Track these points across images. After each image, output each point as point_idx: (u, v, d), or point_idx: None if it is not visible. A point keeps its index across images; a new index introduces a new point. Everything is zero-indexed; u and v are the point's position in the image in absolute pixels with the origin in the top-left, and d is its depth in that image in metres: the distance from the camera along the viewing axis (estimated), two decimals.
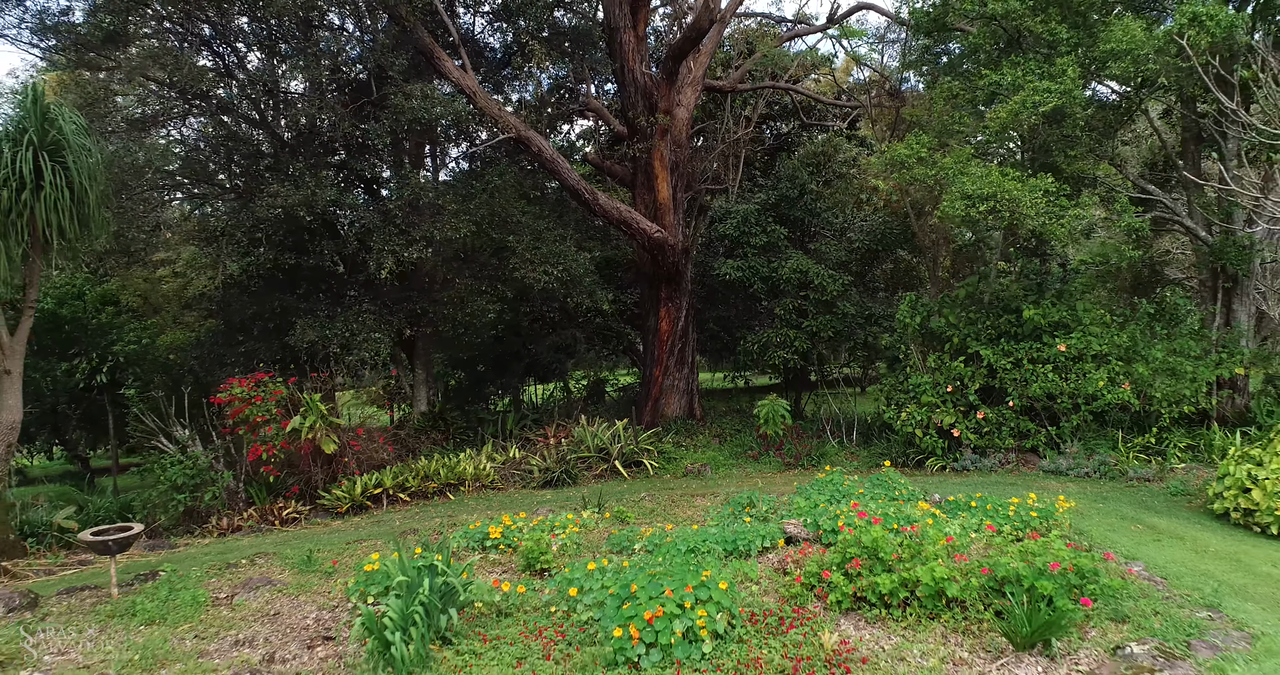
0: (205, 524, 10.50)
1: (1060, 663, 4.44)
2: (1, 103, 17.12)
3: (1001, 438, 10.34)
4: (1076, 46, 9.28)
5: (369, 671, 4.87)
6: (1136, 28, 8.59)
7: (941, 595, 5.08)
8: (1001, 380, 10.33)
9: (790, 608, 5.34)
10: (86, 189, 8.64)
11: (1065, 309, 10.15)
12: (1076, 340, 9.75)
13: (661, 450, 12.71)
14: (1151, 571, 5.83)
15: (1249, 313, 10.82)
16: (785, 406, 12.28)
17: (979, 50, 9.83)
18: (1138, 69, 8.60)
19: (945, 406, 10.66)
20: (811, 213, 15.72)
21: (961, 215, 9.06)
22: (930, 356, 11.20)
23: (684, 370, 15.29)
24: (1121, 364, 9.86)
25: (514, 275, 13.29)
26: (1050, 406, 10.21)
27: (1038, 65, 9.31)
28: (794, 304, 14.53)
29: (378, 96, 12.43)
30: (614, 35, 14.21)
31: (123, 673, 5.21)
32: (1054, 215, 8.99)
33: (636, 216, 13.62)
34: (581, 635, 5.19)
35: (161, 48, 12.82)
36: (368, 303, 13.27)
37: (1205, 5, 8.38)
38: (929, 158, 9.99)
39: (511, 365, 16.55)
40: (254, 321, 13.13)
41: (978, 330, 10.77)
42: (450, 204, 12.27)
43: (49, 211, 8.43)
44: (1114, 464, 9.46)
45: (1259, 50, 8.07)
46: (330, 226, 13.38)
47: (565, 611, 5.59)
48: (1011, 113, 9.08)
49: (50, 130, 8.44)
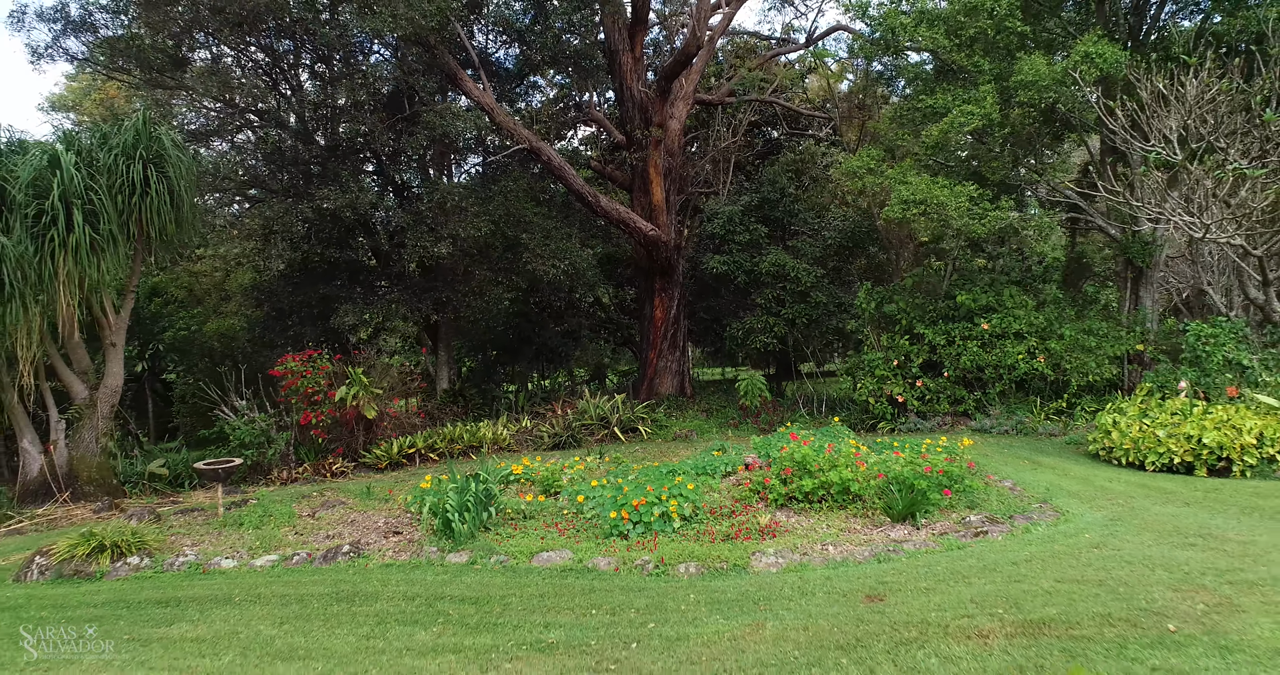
0: (268, 476, 12.43)
1: (922, 529, 6.36)
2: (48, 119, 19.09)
3: (940, 403, 12.26)
4: (996, 77, 11.19)
5: (435, 543, 6.81)
6: (1041, 63, 10.49)
7: (847, 491, 7.01)
8: (940, 355, 12.26)
9: (740, 505, 7.28)
10: (183, 194, 10.60)
11: (992, 295, 12.07)
12: (998, 321, 11.68)
13: (655, 419, 14.63)
14: (1017, 484, 7.74)
15: (1153, 299, 12.73)
16: (762, 381, 14.20)
17: (918, 78, 11.73)
18: (1041, 96, 10.50)
19: (894, 378, 12.58)
20: (790, 214, 17.63)
21: (900, 217, 10.97)
22: (883, 337, 13.12)
23: (676, 353, 17.22)
24: (1038, 341, 11.77)
25: (526, 268, 15.24)
26: (979, 376, 12.13)
27: (964, 91, 11.23)
28: (773, 294, 16.43)
29: (410, 113, 14.38)
30: (614, 57, 16.14)
31: (250, 550, 7.17)
32: (976, 217, 10.90)
33: (634, 217, 15.55)
34: (587, 525, 7.12)
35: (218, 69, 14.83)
36: (397, 292, 15.21)
37: (1095, 45, 10.28)
38: (878, 168, 11.91)
39: (523, 349, 18.49)
40: (301, 308, 15.09)
41: (922, 314, 12.69)
42: (472, 206, 14.21)
43: (153, 213, 10.40)
44: (1028, 423, 11.37)
45: (1136, 82, 9.97)
46: (365, 225, 15.33)
47: (574, 512, 7.52)
48: (942, 131, 11.00)
49: (154, 145, 10.39)
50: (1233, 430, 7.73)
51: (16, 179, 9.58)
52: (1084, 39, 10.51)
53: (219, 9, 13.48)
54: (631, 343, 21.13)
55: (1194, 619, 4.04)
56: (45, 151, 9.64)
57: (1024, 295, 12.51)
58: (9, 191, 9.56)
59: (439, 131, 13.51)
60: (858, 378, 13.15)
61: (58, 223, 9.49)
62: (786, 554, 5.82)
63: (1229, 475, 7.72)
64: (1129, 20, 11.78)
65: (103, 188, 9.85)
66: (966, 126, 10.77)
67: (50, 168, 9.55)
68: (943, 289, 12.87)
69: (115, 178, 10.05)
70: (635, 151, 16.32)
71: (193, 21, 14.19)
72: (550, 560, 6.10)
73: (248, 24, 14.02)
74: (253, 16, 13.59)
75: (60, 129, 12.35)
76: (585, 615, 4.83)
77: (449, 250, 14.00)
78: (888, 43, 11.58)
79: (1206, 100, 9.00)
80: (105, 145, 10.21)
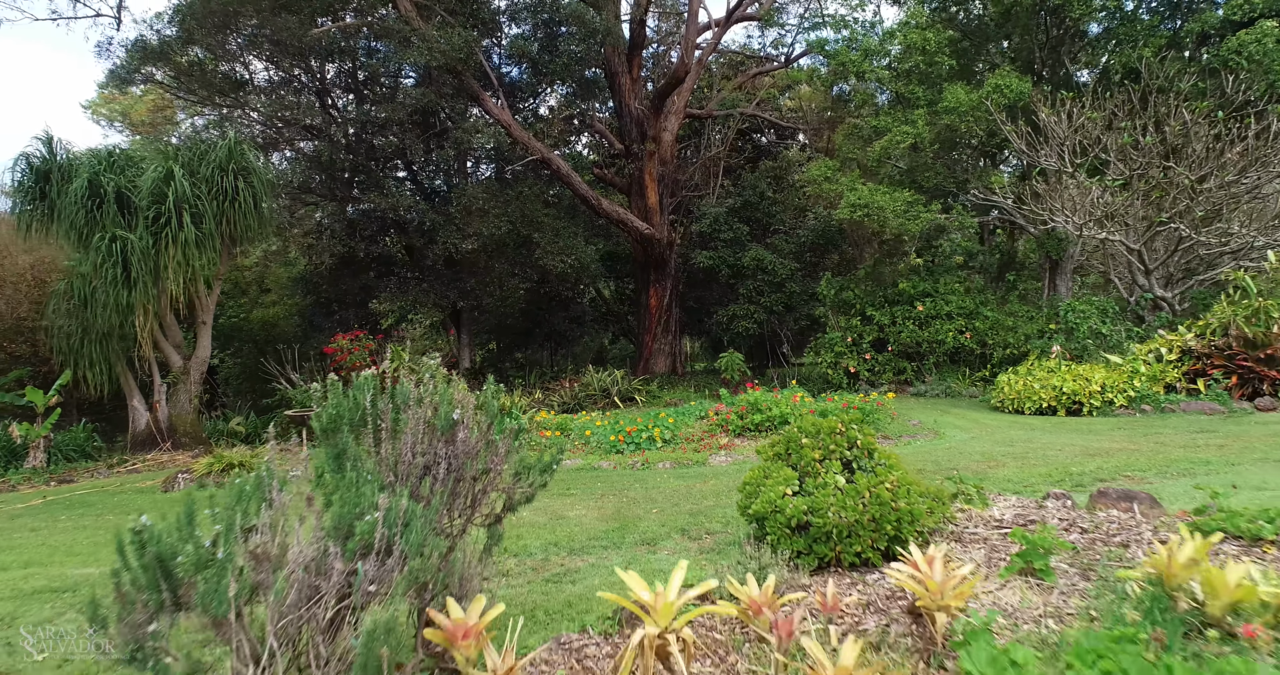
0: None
1: None
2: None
3: (886, 373, 14.69)
4: (929, 103, 13.60)
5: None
6: (961, 92, 12.91)
7: (786, 422, 9.44)
8: (886, 333, 14.68)
9: (707, 434, 9.72)
10: (263, 200, 13.04)
11: (929, 283, 14.49)
12: (930, 304, 14.10)
13: (649, 391, 17.07)
14: (921, 422, 10.17)
15: (1067, 285, 15.15)
16: (741, 358, 16.63)
17: (865, 103, 14.14)
18: (960, 118, 12.91)
19: (850, 353, 15.01)
20: (769, 215, 20.06)
21: (849, 217, 13.40)
22: (841, 319, 15.55)
23: (669, 337, 19.66)
24: (965, 320, 14.20)
25: (538, 262, 17.68)
26: (918, 350, 14.56)
27: (902, 113, 13.64)
28: (754, 285, 18.86)
29: (439, 129, 16.82)
30: (614, 79, 18.57)
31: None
32: (910, 218, 13.31)
33: (631, 217, 17.98)
34: (592, 448, 9.56)
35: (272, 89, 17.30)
36: (426, 283, 17.67)
37: (1004, 78, 12.69)
38: (833, 177, 14.33)
39: (534, 333, 20.95)
40: (344, 296, 17.55)
41: (873, 299, 15.12)
42: (493, 208, 16.65)
43: (239, 215, 12.84)
44: (956, 388, 13.79)
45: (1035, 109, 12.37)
46: (399, 224, 17.78)
47: (583, 442, 9.96)
48: (883, 147, 13.42)
49: (241, 159, 12.84)
50: (1084, 381, 10.15)
51: (138, 189, 12.03)
52: (996, 73, 12.93)
53: (277, 41, 15.95)
54: (629, 332, 23.58)
55: (978, 469, 6.47)
56: (160, 166, 12.07)
57: (954, 283, 14.92)
58: (132, 199, 12.01)
59: (465, 145, 15.96)
60: (820, 354, 15.58)
61: (170, 223, 11.93)
62: (734, 456, 8.27)
63: (1081, 414, 10.14)
64: (1041, 56, 14.19)
65: (203, 195, 12.30)
66: (903, 143, 13.19)
67: (165, 179, 11.99)
68: (890, 278, 15.30)
69: (212, 186, 12.49)
70: (632, 161, 18.74)
71: (250, 46, 16.68)
72: (567, 464, 8.55)
73: (300, 53, 16.48)
74: (306, 48, 16.05)
75: (158, 144, 14.76)
76: (593, 485, 7.28)
77: (473, 246, 16.44)
78: (839, 74, 13.99)
79: (1079, 125, 11.42)
80: (204, 160, 12.65)
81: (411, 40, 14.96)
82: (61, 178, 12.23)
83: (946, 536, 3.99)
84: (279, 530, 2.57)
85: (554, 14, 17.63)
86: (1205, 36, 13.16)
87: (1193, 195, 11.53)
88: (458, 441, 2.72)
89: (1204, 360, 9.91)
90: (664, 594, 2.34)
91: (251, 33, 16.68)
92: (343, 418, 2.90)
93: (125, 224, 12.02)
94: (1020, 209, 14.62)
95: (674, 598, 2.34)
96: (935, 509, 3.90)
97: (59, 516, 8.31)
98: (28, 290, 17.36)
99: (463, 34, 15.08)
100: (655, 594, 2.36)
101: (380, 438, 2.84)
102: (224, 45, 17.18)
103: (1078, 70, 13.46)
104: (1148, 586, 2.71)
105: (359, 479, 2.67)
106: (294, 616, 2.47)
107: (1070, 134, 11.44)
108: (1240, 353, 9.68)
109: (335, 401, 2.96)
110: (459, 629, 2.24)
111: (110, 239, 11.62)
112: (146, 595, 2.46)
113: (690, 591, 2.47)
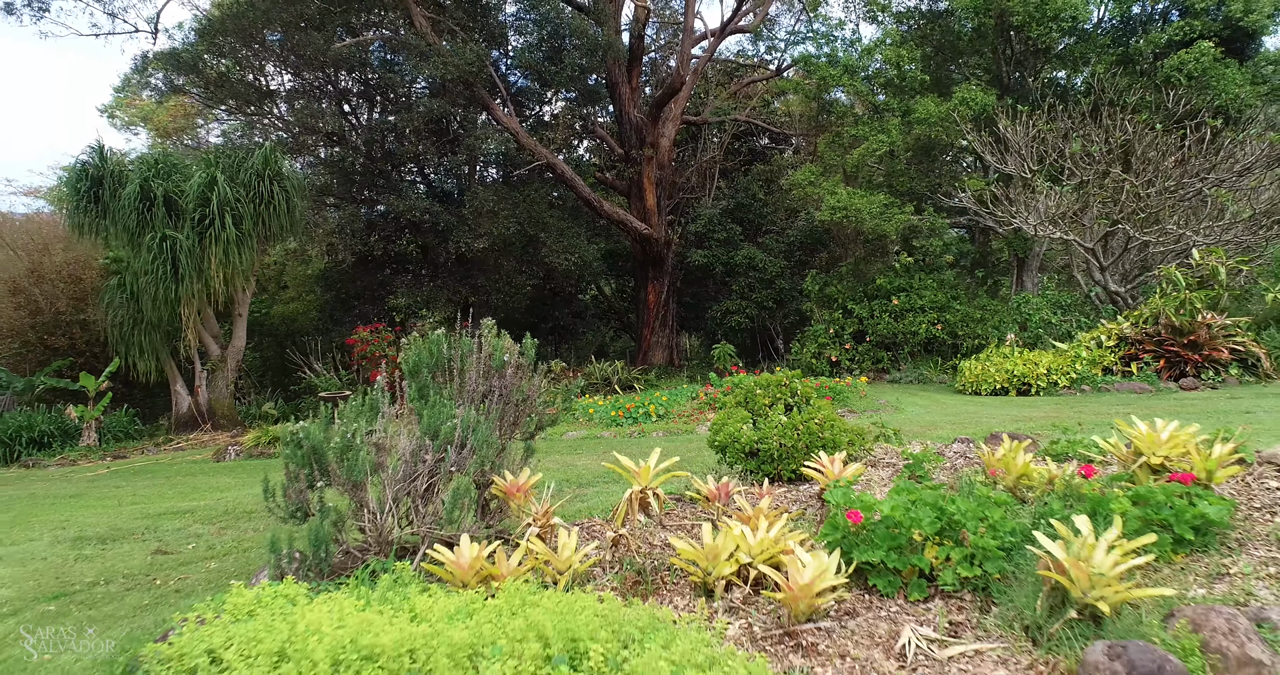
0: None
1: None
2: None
3: (864, 362, 15.94)
4: (903, 113, 14.86)
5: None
6: (931, 104, 14.16)
7: None
8: (865, 325, 15.94)
9: (697, 411, 10.98)
10: (295, 203, 14.32)
11: (904, 279, 15.74)
12: (905, 298, 15.36)
13: (648, 380, 18.33)
14: (887, 401, 11.43)
15: (1033, 281, 16.41)
16: (732, 348, 17.88)
17: (844, 115, 15.41)
18: (930, 128, 14.17)
19: (832, 344, 16.27)
20: (760, 216, 21.32)
21: (829, 219, 14.65)
22: (825, 312, 16.81)
23: (666, 331, 20.92)
24: (937, 313, 15.45)
25: (543, 260, 18.94)
26: (894, 341, 15.81)
27: (879, 123, 14.90)
28: (745, 282, 20.11)
29: (451, 136, 18.09)
30: (614, 89, 19.84)
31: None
32: (886, 219, 14.57)
33: (630, 218, 19.24)
34: (595, 423, 10.83)
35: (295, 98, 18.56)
36: (439, 280, 18.94)
37: (970, 92, 13.94)
38: (815, 182, 15.60)
39: (540, 327, 22.22)
40: (363, 291, 18.83)
41: (853, 294, 16.38)
42: (502, 210, 17.91)
43: (273, 217, 14.11)
44: (928, 375, 15.04)
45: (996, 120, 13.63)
46: (415, 225, 19.04)
47: (586, 418, 11.23)
48: (860, 154, 14.68)
49: (276, 166, 14.11)
50: (1033, 365, 11.41)
51: (184, 194, 13.31)
52: (962, 87, 14.19)
53: (301, 54, 17.23)
54: (630, 328, 24.85)
55: (919, 432, 7.73)
56: (205, 173, 13.34)
57: (928, 279, 16.18)
58: (180, 202, 13.30)
59: (476, 151, 17.22)
60: (805, 345, 16.84)
61: (214, 224, 13.20)
62: None
63: (1029, 394, 11.39)
64: (1007, 70, 15.44)
65: (243, 198, 13.57)
66: (878, 151, 14.45)
67: (209, 184, 13.26)
68: (870, 275, 16.56)
69: (250, 190, 13.77)
70: (632, 165, 20.01)
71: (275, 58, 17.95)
72: (571, 436, 9.82)
73: (322, 66, 17.76)
74: (328, 61, 17.33)
75: (205, 153, 16.02)
76: (595, 447, 8.55)
77: (484, 245, 17.72)
78: (822, 87, 15.26)
79: (1033, 136, 12.68)
80: (242, 166, 13.92)
81: (427, 55, 16.22)
82: (113, 183, 13.51)
83: (864, 462, 5.26)
84: (388, 432, 3.84)
85: (558, 27, 18.91)
86: (1159, 55, 14.41)
87: (1138, 199, 12.78)
88: (507, 376, 3.99)
89: (1137, 346, 11.16)
90: (645, 466, 3.61)
91: (278, 47, 17.98)
92: (423, 362, 4.17)
93: (173, 225, 13.30)
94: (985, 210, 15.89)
95: (651, 466, 3.61)
96: (855, 441, 5.17)
97: (133, 480, 9.59)
98: (64, 287, 18.68)
99: (474, 49, 16.35)
100: (640, 467, 3.63)
101: (451, 375, 4.10)
102: (250, 58, 18.48)
103: (1037, 86, 14.70)
104: (979, 478, 3.97)
105: (439, 401, 3.95)
106: (400, 487, 3.75)
107: (1029, 143, 12.70)
108: (1169, 339, 10.93)
109: (416, 351, 4.23)
110: (512, 487, 3.51)
111: (161, 238, 12.90)
112: (305, 472, 3.74)
113: (661, 464, 3.74)
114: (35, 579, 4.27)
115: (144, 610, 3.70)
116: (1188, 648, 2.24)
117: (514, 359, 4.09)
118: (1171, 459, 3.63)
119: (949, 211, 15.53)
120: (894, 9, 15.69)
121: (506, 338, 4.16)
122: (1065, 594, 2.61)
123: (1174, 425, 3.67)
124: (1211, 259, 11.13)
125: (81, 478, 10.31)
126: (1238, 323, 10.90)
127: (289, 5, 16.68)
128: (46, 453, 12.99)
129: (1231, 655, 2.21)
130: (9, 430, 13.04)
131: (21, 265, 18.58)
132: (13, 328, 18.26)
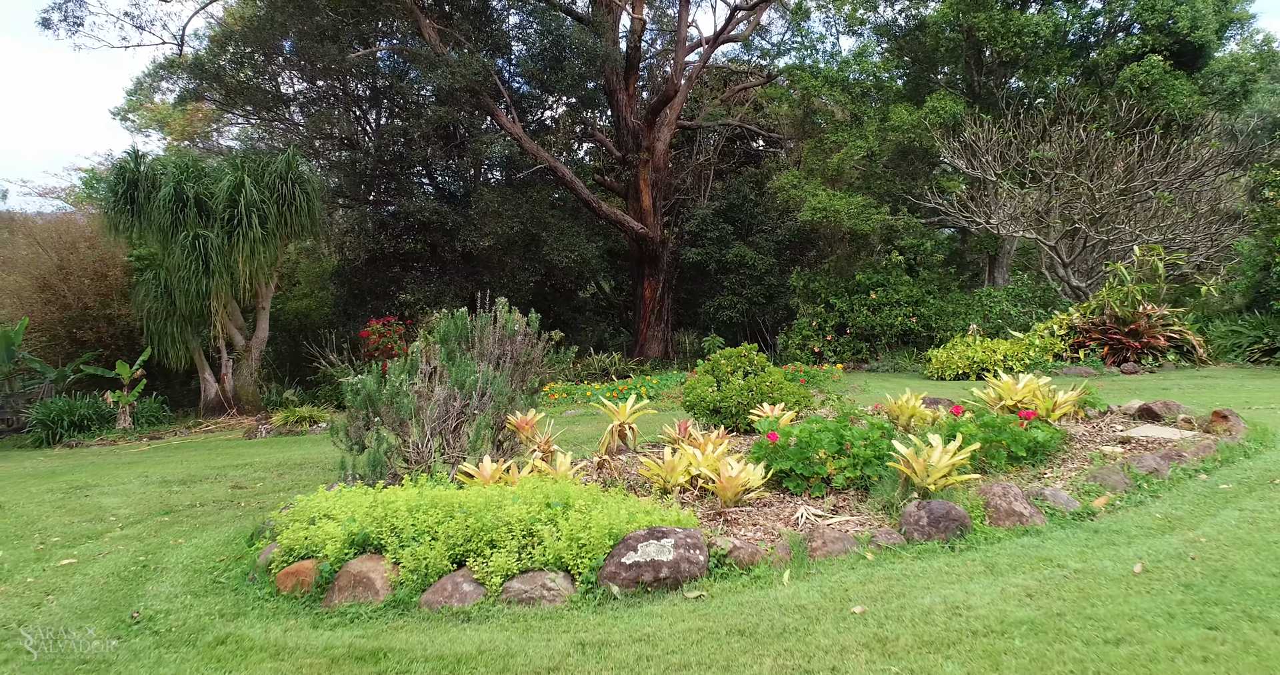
0: None
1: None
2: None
3: (845, 353, 17.05)
4: (880, 119, 15.96)
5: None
6: (905, 111, 15.25)
7: None
8: (846, 318, 17.05)
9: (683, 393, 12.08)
10: (314, 203, 15.44)
11: (882, 275, 16.85)
12: (881, 293, 16.47)
13: (643, 370, 19.45)
14: (859, 386, 12.53)
15: (1004, 277, 17.51)
16: (721, 342, 18.99)
17: (827, 120, 16.52)
18: (904, 136, 15.27)
19: (816, 336, 17.38)
20: (751, 216, 22.43)
21: (810, 219, 15.75)
22: (809, 306, 17.93)
23: (661, 325, 22.04)
24: (912, 307, 16.55)
25: (545, 258, 20.06)
26: (872, 333, 16.92)
27: (858, 129, 16.00)
28: (737, 279, 21.23)
29: (458, 141, 19.22)
30: (612, 95, 20.95)
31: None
32: (863, 219, 15.66)
33: (627, 218, 20.36)
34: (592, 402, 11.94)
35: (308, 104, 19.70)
36: (446, 276, 20.05)
37: (941, 100, 15.04)
38: (799, 184, 16.71)
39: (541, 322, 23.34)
40: (375, 287, 19.97)
41: (835, 289, 17.49)
42: (506, 210, 19.04)
43: (294, 217, 15.23)
44: (903, 364, 16.15)
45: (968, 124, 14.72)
46: (423, 225, 20.18)
47: (584, 401, 12.34)
48: (840, 159, 15.78)
49: (297, 169, 15.24)
50: (991, 352, 12.52)
51: (213, 196, 14.44)
52: (934, 95, 15.29)
53: (316, 63, 18.36)
54: (628, 324, 25.98)
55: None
56: (233, 176, 14.47)
57: (905, 275, 17.29)
58: (209, 203, 14.43)
59: (481, 155, 18.35)
60: (791, 337, 17.96)
61: (241, 224, 14.32)
62: None
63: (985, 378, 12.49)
64: (978, 80, 16.54)
65: (267, 199, 14.70)
66: (856, 155, 15.56)
67: (237, 187, 14.39)
68: (850, 272, 17.68)
69: (273, 192, 14.89)
70: (629, 168, 21.13)
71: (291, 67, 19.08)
72: (570, 413, 10.94)
73: (336, 74, 18.89)
74: (341, 70, 18.46)
75: (231, 157, 17.13)
76: (591, 420, 9.66)
77: (489, 244, 18.84)
78: (806, 95, 16.37)
79: (996, 141, 13.79)
80: (266, 169, 15.04)
81: (436, 64, 17.35)
82: (148, 185, 14.63)
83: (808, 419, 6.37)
84: (425, 383, 4.97)
85: (559, 37, 20.02)
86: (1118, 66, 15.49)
87: (1093, 201, 13.87)
88: (517, 341, 5.11)
89: (1085, 334, 12.26)
90: (623, 406, 4.74)
91: (293, 56, 19.11)
92: (451, 332, 5.29)
93: (203, 224, 14.43)
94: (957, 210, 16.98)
95: (628, 406, 4.74)
96: (801, 401, 6.29)
97: (174, 456, 10.72)
98: (90, 284, 19.83)
99: (480, 60, 17.48)
100: (619, 407, 4.76)
101: (473, 342, 5.23)
102: (267, 66, 19.62)
103: (1003, 95, 15.81)
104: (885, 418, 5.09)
105: (464, 361, 5.07)
106: (435, 425, 4.88)
107: (994, 148, 13.81)
108: (1113, 328, 12.03)
109: (446, 324, 5.36)
110: (522, 422, 4.64)
111: (193, 237, 14.04)
112: (363, 413, 4.87)
113: (636, 406, 4.87)
114: (143, 504, 5.39)
115: (239, 519, 4.82)
116: (973, 504, 3.37)
117: (522, 328, 5.21)
118: (1024, 402, 4.75)
119: (925, 212, 16.61)
120: (872, 22, 16.79)
121: (516, 313, 5.28)
122: (910, 482, 3.73)
123: (1028, 378, 4.79)
124: (1151, 256, 12.23)
125: (129, 452, 11.45)
126: (1175, 313, 12.01)
127: (304, 17, 17.82)
128: (86, 434, 14.11)
129: (1001, 509, 3.34)
130: (51, 414, 14.16)
131: (50, 263, 19.72)
132: (42, 322, 19.40)
